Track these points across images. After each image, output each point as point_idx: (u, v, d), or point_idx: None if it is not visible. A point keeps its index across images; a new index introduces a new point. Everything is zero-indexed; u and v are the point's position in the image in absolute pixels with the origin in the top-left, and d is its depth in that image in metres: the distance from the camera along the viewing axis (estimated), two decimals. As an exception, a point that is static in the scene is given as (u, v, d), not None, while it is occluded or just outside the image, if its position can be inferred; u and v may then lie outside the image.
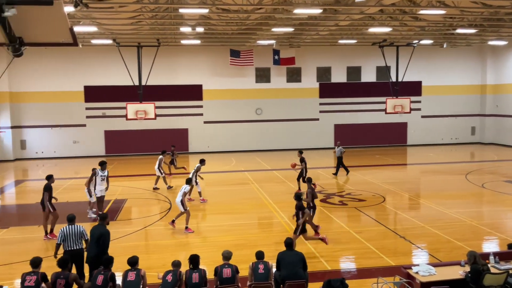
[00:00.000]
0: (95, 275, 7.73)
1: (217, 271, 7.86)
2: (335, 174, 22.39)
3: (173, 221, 13.64)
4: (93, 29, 22.10)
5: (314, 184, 13.74)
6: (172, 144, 24.68)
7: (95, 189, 14.67)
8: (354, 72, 33.83)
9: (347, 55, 33.19)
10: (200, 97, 32.20)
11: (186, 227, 13.39)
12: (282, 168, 24.38)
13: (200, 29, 23.11)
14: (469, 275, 7.86)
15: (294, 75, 33.23)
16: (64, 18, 5.71)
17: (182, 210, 13.45)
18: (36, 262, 7.70)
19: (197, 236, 12.98)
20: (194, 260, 7.94)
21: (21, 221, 15.45)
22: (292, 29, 23.37)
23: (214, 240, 12.56)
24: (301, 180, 18.52)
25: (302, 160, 18.46)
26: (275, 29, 23.06)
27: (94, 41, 26.27)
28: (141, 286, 7.69)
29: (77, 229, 9.10)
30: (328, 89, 33.56)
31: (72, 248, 8.98)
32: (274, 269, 8.29)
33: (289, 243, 8.52)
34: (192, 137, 32.31)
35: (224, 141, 32.51)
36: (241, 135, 32.66)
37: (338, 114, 33.69)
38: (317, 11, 18.58)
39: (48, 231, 12.83)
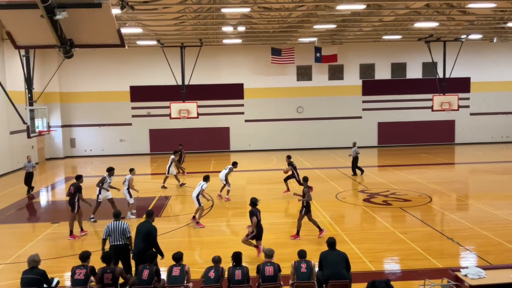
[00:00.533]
0: (141, 269, 7.93)
1: (259, 269, 7.88)
2: (354, 174, 22.11)
3: (194, 217, 14.13)
4: (138, 30, 22.71)
5: (311, 187, 13.38)
6: (179, 143, 24.81)
7: (100, 193, 14.58)
8: (399, 68, 32.98)
9: (392, 51, 32.39)
10: (241, 96, 32.39)
11: (197, 222, 13.80)
12: (324, 167, 24.14)
13: (241, 28, 23.23)
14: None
15: (336, 73, 32.79)
16: (112, 20, 5.89)
17: (197, 205, 13.87)
18: (85, 256, 8.00)
19: (238, 234, 13.06)
20: (237, 257, 7.99)
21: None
22: (335, 26, 23.06)
23: (256, 238, 12.56)
24: (288, 182, 18.28)
25: (290, 164, 18.05)
26: (317, 26, 22.83)
27: (139, 42, 26.99)
28: (185, 281, 7.83)
29: (121, 225, 9.36)
30: (371, 86, 32.90)
31: (117, 243, 9.26)
32: (316, 269, 8.22)
33: (332, 243, 8.41)
34: (233, 135, 32.57)
35: (265, 140, 32.57)
36: (282, 133, 32.59)
37: (382, 112, 32.96)
38: (360, 6, 18.25)
39: (78, 229, 13.16)
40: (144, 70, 31.56)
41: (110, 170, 14.85)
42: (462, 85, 32.42)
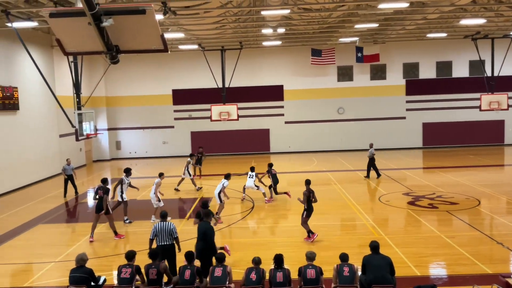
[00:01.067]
0: (182, 270, 8.07)
1: (301, 272, 7.83)
2: (367, 177, 21.56)
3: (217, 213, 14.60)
4: (180, 35, 23.16)
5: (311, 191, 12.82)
6: (200, 145, 25.12)
7: (122, 193, 14.78)
8: (444, 67, 31.92)
9: (437, 49, 31.40)
10: (281, 98, 32.37)
11: (218, 217, 14.22)
12: (366, 169, 23.70)
13: (281, 30, 23.23)
14: None
15: (378, 72, 32.16)
16: (155, 26, 6.02)
17: (218, 202, 14.44)
18: (130, 256, 8.23)
19: (280, 236, 13.05)
20: (278, 259, 7.98)
21: (116, 217, 16.60)
22: (377, 25, 22.62)
23: (297, 240, 12.51)
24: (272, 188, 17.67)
25: (268, 172, 17.68)
26: (358, 26, 22.48)
27: (181, 47, 27.53)
28: (227, 282, 7.89)
29: (168, 226, 9.56)
30: (415, 86, 32.02)
31: (164, 243, 9.48)
32: (359, 273, 8.07)
33: (375, 246, 8.23)
34: (273, 137, 32.58)
35: (305, 141, 32.38)
36: (322, 135, 32.29)
37: (427, 112, 32.01)
38: (403, 5, 17.79)
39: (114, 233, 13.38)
40: (185, 74, 32.16)
41: (128, 171, 15.24)
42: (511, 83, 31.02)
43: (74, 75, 20.85)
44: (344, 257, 8.11)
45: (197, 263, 8.78)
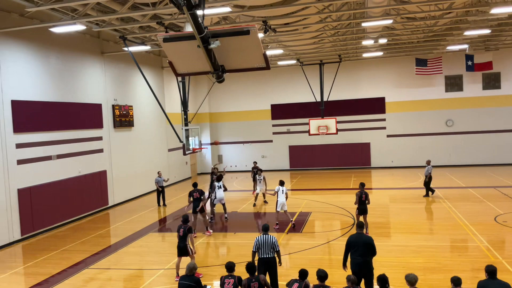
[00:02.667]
0: (292, 282, 8.05)
1: None
2: (426, 195, 20.11)
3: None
4: (279, 51, 23.61)
5: None
6: (254, 160, 25.28)
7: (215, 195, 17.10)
8: None
9: (561, 53, 28.16)
10: (382, 110, 31.29)
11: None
12: (479, 186, 21.85)
13: (383, 41, 22.56)
14: None
15: (491, 82, 29.63)
16: (259, 45, 6.22)
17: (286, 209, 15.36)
18: (232, 266, 8.44)
19: (383, 255, 12.48)
20: (382, 280, 7.62)
21: (218, 228, 17.23)
22: (489, 31, 20.93)
23: (402, 260, 11.86)
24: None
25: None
26: (468, 33, 21.00)
27: (280, 62, 28.04)
28: None
29: (270, 239, 9.65)
30: (535, 95, 28.95)
31: (266, 256, 9.57)
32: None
33: (492, 271, 7.47)
34: (375, 151, 31.52)
35: (409, 156, 30.83)
36: (428, 148, 30.46)
37: (550, 123, 28.73)
38: (520, 7, 16.25)
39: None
40: (283, 89, 32.61)
41: (216, 175, 17.95)
42: None
43: (182, 94, 22.23)
44: (456, 281, 7.47)
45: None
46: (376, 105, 31.32)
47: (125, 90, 23.39)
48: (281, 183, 15.78)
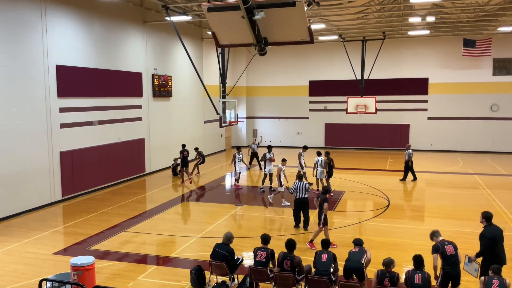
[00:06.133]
0: (319, 253, 8.18)
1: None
2: (403, 180, 19.77)
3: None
4: (322, 26, 23.08)
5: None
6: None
7: (235, 165, 18.82)
8: None
9: None
10: (425, 91, 30.30)
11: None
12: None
13: (430, 19, 21.64)
14: None
15: (544, 66, 28.08)
16: (304, 18, 6.05)
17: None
18: (267, 239, 8.53)
19: (416, 238, 12.29)
20: (417, 260, 7.55)
21: (251, 201, 17.40)
22: (547, 11, 19.68)
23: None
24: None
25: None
26: (523, 13, 19.83)
27: (321, 38, 27.45)
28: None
29: (304, 184, 12.95)
30: None
31: (301, 196, 12.76)
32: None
33: (490, 217, 7.45)
34: (414, 133, 30.74)
35: (450, 140, 29.93)
36: (471, 133, 29.47)
37: None
38: None
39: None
40: (323, 65, 32.04)
41: (238, 148, 19.79)
42: None
43: (221, 66, 22.23)
44: (495, 270, 7.28)
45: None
46: (418, 86, 30.35)
47: (165, 60, 23.58)
48: (318, 154, 17.91)
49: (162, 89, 23.06)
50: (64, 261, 10.35)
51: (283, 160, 16.12)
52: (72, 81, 17.06)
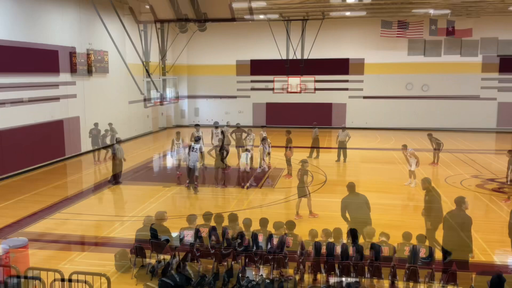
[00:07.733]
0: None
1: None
2: (338, 160, 20.10)
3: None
4: (262, 4, 23.00)
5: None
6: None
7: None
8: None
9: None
10: (361, 71, 31.36)
11: None
12: (448, 150, 22.50)
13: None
14: None
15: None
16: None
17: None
18: (208, 218, 8.67)
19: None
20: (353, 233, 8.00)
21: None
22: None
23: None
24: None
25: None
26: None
27: (262, 16, 27.36)
28: None
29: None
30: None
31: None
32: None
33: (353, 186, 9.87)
34: (350, 112, 31.84)
35: (383, 118, 31.37)
36: (403, 111, 31.06)
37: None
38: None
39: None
40: (264, 44, 31.74)
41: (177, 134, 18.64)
42: None
43: (144, 43, 21.43)
44: (418, 238, 7.85)
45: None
46: (355, 66, 31.27)
47: (100, 35, 22.43)
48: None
49: (99, 65, 22.10)
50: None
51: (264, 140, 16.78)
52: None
